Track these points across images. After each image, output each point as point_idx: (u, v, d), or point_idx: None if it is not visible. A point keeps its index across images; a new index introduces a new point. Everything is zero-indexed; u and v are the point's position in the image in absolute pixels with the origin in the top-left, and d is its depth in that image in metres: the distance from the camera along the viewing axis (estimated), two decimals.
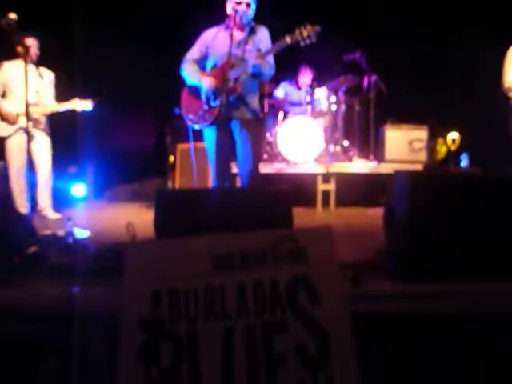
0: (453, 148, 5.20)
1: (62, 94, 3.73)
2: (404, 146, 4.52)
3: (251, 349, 1.25)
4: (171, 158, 4.43)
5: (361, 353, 1.25)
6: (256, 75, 2.82)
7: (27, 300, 1.58)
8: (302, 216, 3.64)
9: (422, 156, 4.51)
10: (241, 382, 1.22)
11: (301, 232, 1.42)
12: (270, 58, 2.84)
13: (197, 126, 2.92)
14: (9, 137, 3.56)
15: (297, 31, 2.57)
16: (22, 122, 3.47)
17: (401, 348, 1.55)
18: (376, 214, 2.25)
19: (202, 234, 1.40)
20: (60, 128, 3.85)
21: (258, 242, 1.38)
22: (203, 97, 2.84)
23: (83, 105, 3.56)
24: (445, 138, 5.32)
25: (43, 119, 3.70)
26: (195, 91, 2.90)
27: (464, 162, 4.76)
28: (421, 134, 4.54)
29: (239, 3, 2.74)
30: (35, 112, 3.55)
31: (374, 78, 4.64)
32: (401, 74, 4.82)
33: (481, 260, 1.67)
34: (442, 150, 5.59)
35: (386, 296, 1.60)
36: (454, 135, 5.16)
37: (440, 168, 5.01)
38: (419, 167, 4.39)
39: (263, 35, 2.86)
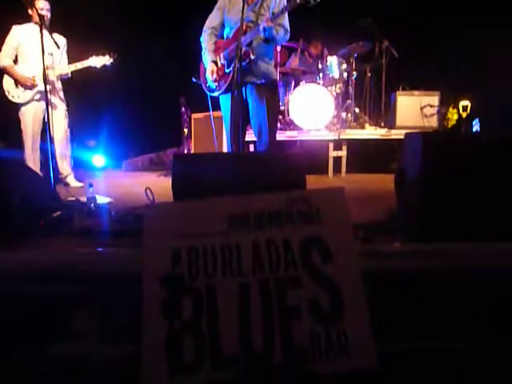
0: (464, 115, 5.13)
1: (73, 58, 3.70)
2: (415, 111, 4.49)
3: (266, 303, 1.31)
4: (186, 129, 4.48)
5: (372, 308, 1.30)
6: (268, 40, 2.80)
7: (53, 260, 1.67)
8: (313, 183, 3.70)
9: (434, 122, 4.48)
10: (257, 333, 1.28)
11: (314, 193, 1.46)
12: (286, 23, 2.82)
13: (214, 94, 2.94)
14: (25, 104, 3.50)
15: None
16: (41, 86, 3.39)
17: (409, 303, 1.60)
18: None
19: (217, 196, 1.44)
20: (78, 102, 3.88)
21: (272, 204, 1.43)
22: (219, 65, 2.86)
23: (101, 60, 3.51)
24: (456, 105, 5.24)
25: (59, 85, 3.66)
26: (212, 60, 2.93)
27: (476, 127, 4.70)
28: (432, 99, 4.50)
29: None
30: (51, 75, 3.47)
31: (385, 44, 4.56)
32: (413, 39, 4.73)
33: (491, 221, 1.69)
34: (453, 118, 5.51)
35: (395, 254, 1.65)
36: (465, 102, 5.08)
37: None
38: None
39: (279, 4, 2.82)
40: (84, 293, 1.54)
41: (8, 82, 3.49)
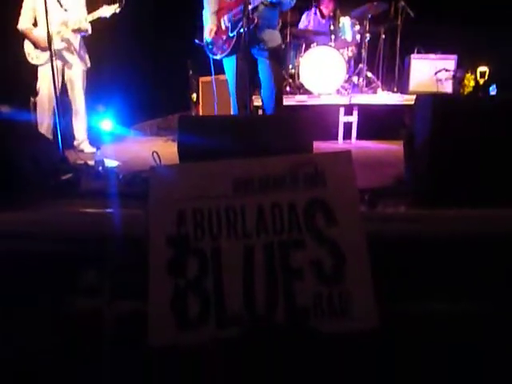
0: (481, 82, 4.97)
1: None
2: (430, 76, 4.36)
3: (269, 264, 1.33)
4: (194, 93, 4.42)
5: (377, 271, 1.31)
6: (274, 4, 2.74)
7: (64, 221, 1.70)
8: (323, 148, 3.68)
9: (448, 87, 4.36)
10: (260, 292, 1.31)
11: (320, 157, 1.45)
12: None
13: (217, 57, 2.90)
14: (43, 65, 3.51)
15: None
16: (56, 44, 3.39)
17: (413, 266, 1.61)
18: None
19: (223, 159, 1.45)
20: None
21: (277, 167, 1.42)
22: (223, 27, 2.80)
23: (111, 9, 3.45)
24: (474, 71, 5.07)
25: (78, 42, 3.62)
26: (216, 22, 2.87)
27: (493, 93, 4.57)
28: (448, 63, 4.36)
29: None
30: (66, 32, 3.47)
31: (401, 3, 4.38)
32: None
33: (501, 187, 1.66)
34: (469, 84, 5.36)
35: (400, 218, 1.65)
36: (483, 68, 4.92)
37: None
38: None
39: None
40: (93, 252, 1.58)
41: (28, 45, 3.53)
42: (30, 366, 1.32)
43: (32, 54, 3.52)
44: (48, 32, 2.55)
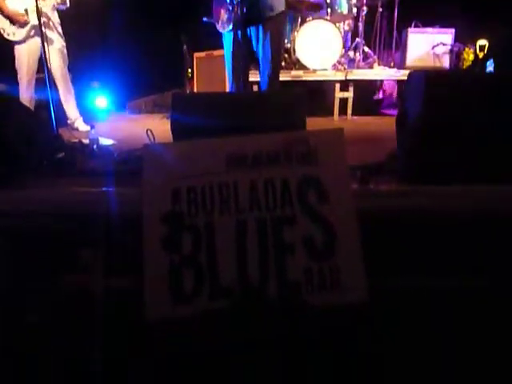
0: (480, 55, 4.92)
1: None
2: (427, 50, 4.31)
3: (262, 239, 1.37)
4: (188, 68, 4.37)
5: (368, 247, 1.35)
6: None
7: (58, 198, 1.72)
8: (318, 125, 3.66)
9: (445, 62, 4.31)
10: (253, 266, 1.35)
11: (312, 134, 1.47)
12: None
13: (225, 30, 2.83)
14: (20, 42, 3.30)
15: None
16: (33, 19, 3.17)
17: (404, 243, 1.64)
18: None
19: (216, 136, 1.45)
20: (80, 42, 3.74)
21: (270, 144, 1.44)
22: None
23: None
24: (473, 44, 5.01)
25: (55, 17, 3.41)
26: None
27: (490, 69, 4.53)
28: (446, 37, 4.30)
29: None
30: (44, 5, 3.18)
31: None
32: None
33: (492, 163, 1.68)
34: (469, 58, 5.31)
35: (391, 195, 1.67)
36: (482, 42, 4.85)
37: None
38: None
39: None
40: (89, 230, 1.60)
41: (2, 20, 3.30)
42: (27, 339, 1.37)
43: (8, 30, 3.29)
44: (37, 6, 2.44)
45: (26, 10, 3.25)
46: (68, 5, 3.41)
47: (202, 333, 1.32)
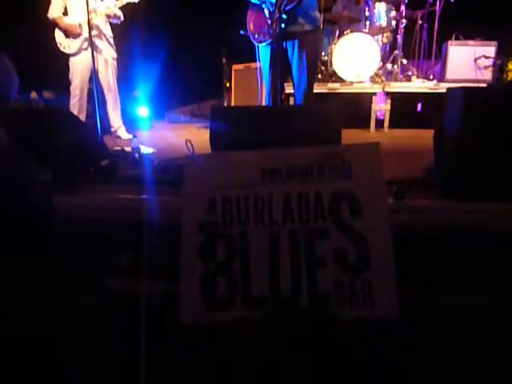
0: None
1: None
2: (468, 63, 4.20)
3: (295, 251, 1.40)
4: (227, 80, 4.48)
5: (402, 262, 1.34)
6: None
7: (103, 205, 1.82)
8: (354, 137, 3.67)
9: (488, 75, 4.20)
10: (284, 278, 1.38)
11: (347, 148, 1.49)
12: None
13: (262, 44, 2.90)
14: (74, 54, 3.54)
15: None
16: (86, 32, 3.34)
17: (440, 259, 1.62)
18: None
19: (253, 148, 1.50)
20: (122, 52, 3.93)
21: (304, 158, 1.47)
22: (265, 12, 2.80)
23: None
24: None
25: (107, 30, 3.64)
26: (259, 9, 2.87)
27: None
28: (488, 50, 4.18)
29: None
30: (95, 18, 3.44)
31: None
32: None
33: None
34: None
35: (428, 210, 1.66)
36: None
37: (508, 85, 4.65)
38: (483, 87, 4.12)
39: None
40: (131, 236, 1.68)
41: (59, 34, 3.57)
42: (72, 337, 1.44)
43: (64, 44, 3.55)
44: (88, 18, 2.59)
45: (80, 24, 3.49)
46: (122, 19, 3.65)
47: (234, 339, 1.36)
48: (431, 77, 4.55)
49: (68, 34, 3.51)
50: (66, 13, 3.61)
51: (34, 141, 1.74)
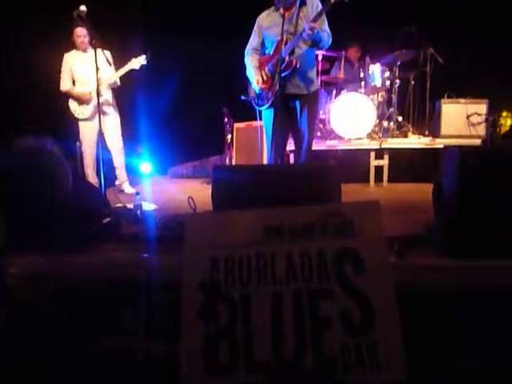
0: None
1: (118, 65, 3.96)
2: (461, 120, 4.35)
3: (298, 312, 1.36)
4: (228, 137, 4.63)
5: (406, 323, 1.31)
6: (314, 42, 2.83)
7: (104, 264, 1.80)
8: (354, 192, 3.71)
9: (481, 130, 4.33)
10: (288, 341, 1.34)
11: (348, 206, 1.49)
12: (326, 28, 2.88)
13: (263, 108, 3.03)
14: (86, 119, 3.89)
15: None
16: (95, 99, 3.66)
17: (445, 320, 1.59)
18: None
19: (254, 207, 1.51)
20: (125, 110, 4.12)
21: (306, 216, 1.47)
22: (265, 78, 2.95)
23: (139, 61, 3.77)
24: (510, 110, 5.04)
25: (110, 94, 3.97)
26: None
27: None
28: (480, 107, 4.35)
29: None
30: (101, 88, 3.69)
31: (430, 51, 4.48)
32: (459, 45, 4.61)
33: None
34: (506, 124, 5.31)
35: (430, 269, 1.64)
36: None
37: (502, 142, 4.78)
38: (477, 142, 4.24)
39: (314, 6, 2.87)
40: (130, 295, 1.66)
41: (73, 103, 3.93)
42: None
43: (78, 110, 3.91)
44: (98, 88, 2.86)
45: (90, 92, 3.85)
46: (119, 83, 3.96)
47: None
48: (426, 133, 4.68)
49: (81, 101, 3.88)
50: (73, 83, 3.95)
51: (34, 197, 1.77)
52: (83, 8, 2.73)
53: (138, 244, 1.89)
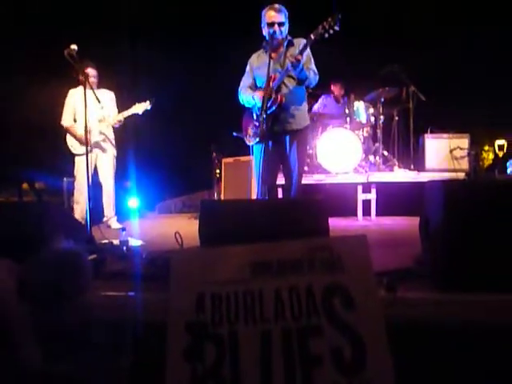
0: (500, 154, 5.07)
1: (122, 106, 4.10)
2: (445, 154, 4.47)
3: (288, 350, 1.32)
4: (217, 172, 4.66)
5: (397, 358, 1.28)
6: (300, 79, 2.89)
7: (86, 304, 1.75)
8: (342, 226, 3.72)
9: (464, 164, 4.43)
10: (278, 381, 1.29)
11: (336, 241, 1.48)
12: (313, 66, 2.96)
13: (252, 143, 3.07)
14: (82, 155, 3.87)
15: (319, 26, 2.67)
16: (95, 137, 3.92)
17: (436, 354, 1.57)
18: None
19: (242, 242, 1.50)
20: (115, 146, 4.16)
21: (294, 251, 1.46)
22: (254, 115, 3.01)
23: (143, 106, 3.88)
24: (492, 144, 5.20)
25: (110, 132, 4.06)
26: (250, 113, 3.10)
27: (510, 169, 4.62)
28: (462, 142, 4.48)
29: (271, 24, 2.88)
30: (104, 126, 3.93)
31: (412, 88, 4.64)
32: (440, 82, 4.79)
33: None
34: (488, 157, 5.47)
35: (420, 303, 1.64)
36: (501, 141, 5.04)
37: (485, 175, 4.89)
38: (461, 175, 4.32)
39: (301, 46, 2.91)
40: (115, 335, 1.60)
41: (71, 139, 4.00)
42: None
43: (75, 146, 3.97)
44: (86, 127, 2.92)
45: (90, 130, 3.83)
46: (122, 122, 4.04)
47: None
48: (412, 166, 4.77)
49: (81, 142, 3.92)
50: (75, 119, 4.03)
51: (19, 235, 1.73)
52: (74, 47, 2.77)
53: (124, 281, 1.85)
